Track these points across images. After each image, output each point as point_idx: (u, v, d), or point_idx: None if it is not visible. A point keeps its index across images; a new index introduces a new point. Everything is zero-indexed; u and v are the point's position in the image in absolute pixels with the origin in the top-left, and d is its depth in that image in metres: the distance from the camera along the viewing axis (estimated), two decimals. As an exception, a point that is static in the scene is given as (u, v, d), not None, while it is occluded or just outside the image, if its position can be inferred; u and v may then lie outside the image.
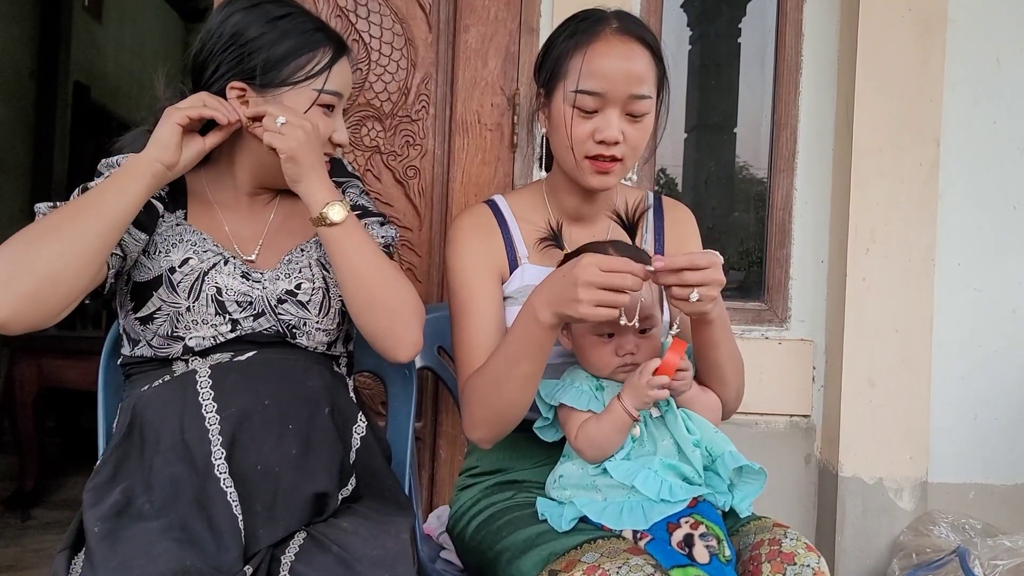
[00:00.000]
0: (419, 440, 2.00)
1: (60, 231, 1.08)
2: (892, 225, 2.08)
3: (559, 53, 1.29)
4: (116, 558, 1.00)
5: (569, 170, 1.31)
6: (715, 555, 1.06)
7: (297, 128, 1.16)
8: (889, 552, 2.06)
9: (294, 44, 1.21)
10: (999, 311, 2.18)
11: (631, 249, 1.22)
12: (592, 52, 1.25)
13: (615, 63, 1.24)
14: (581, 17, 1.31)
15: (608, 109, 1.25)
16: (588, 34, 1.26)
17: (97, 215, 1.10)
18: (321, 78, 1.22)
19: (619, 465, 1.17)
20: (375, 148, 2.04)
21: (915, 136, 2.08)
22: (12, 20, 5.26)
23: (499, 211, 1.39)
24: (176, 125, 1.16)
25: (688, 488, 1.14)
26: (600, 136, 1.25)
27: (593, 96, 1.24)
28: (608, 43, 1.25)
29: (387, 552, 1.09)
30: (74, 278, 1.08)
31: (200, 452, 1.10)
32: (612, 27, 1.26)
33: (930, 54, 2.08)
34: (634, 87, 1.24)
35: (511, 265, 1.35)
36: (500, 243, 1.36)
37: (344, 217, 1.19)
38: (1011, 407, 2.18)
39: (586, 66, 1.24)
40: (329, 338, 1.29)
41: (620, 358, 1.20)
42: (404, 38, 2.04)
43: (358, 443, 1.25)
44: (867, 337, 2.07)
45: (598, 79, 1.24)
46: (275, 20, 1.21)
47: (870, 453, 2.07)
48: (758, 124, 2.25)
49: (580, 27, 1.28)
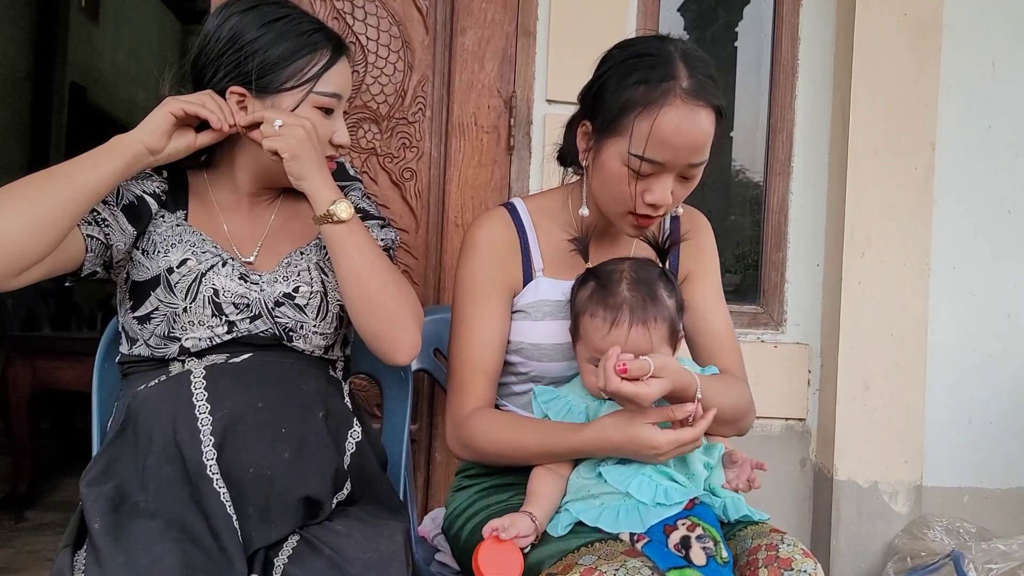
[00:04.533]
0: (414, 442, 1.99)
1: (24, 192, 1.07)
2: (887, 229, 2.08)
3: (623, 103, 1.19)
4: (123, 554, 1.01)
5: (607, 212, 1.28)
6: (712, 557, 1.06)
7: (296, 127, 1.16)
8: (884, 556, 2.07)
9: (291, 46, 1.20)
10: (994, 315, 2.19)
11: (653, 270, 1.23)
12: (661, 120, 1.16)
13: (683, 137, 1.17)
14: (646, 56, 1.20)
15: (664, 175, 1.20)
16: (657, 93, 1.16)
17: (67, 181, 1.09)
18: (319, 80, 1.22)
19: (613, 470, 1.17)
20: (372, 150, 2.04)
21: (911, 140, 2.09)
22: (8, 21, 5.26)
23: (518, 216, 1.36)
24: (169, 114, 1.16)
25: (684, 491, 1.14)
26: (651, 199, 1.20)
27: (653, 164, 1.19)
28: (679, 112, 1.16)
29: (380, 555, 1.09)
30: (31, 237, 1.05)
31: (191, 452, 1.09)
32: (683, 87, 1.17)
33: (926, 59, 2.09)
34: (695, 157, 1.20)
35: (525, 278, 1.33)
36: (517, 256, 1.33)
37: (351, 215, 1.19)
38: (1005, 411, 2.18)
39: (653, 136, 1.16)
40: (326, 342, 1.28)
41: None
42: (401, 40, 2.04)
43: (353, 448, 1.25)
44: (862, 341, 2.08)
45: (662, 150, 1.17)
46: (272, 22, 1.21)
47: (865, 457, 2.07)
48: (754, 128, 2.26)
49: (649, 77, 1.17)
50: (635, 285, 1.20)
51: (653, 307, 1.18)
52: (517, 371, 1.34)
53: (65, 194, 1.08)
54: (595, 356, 1.19)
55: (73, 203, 1.09)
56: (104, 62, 6.67)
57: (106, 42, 6.71)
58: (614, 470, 1.17)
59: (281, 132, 1.16)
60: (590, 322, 1.20)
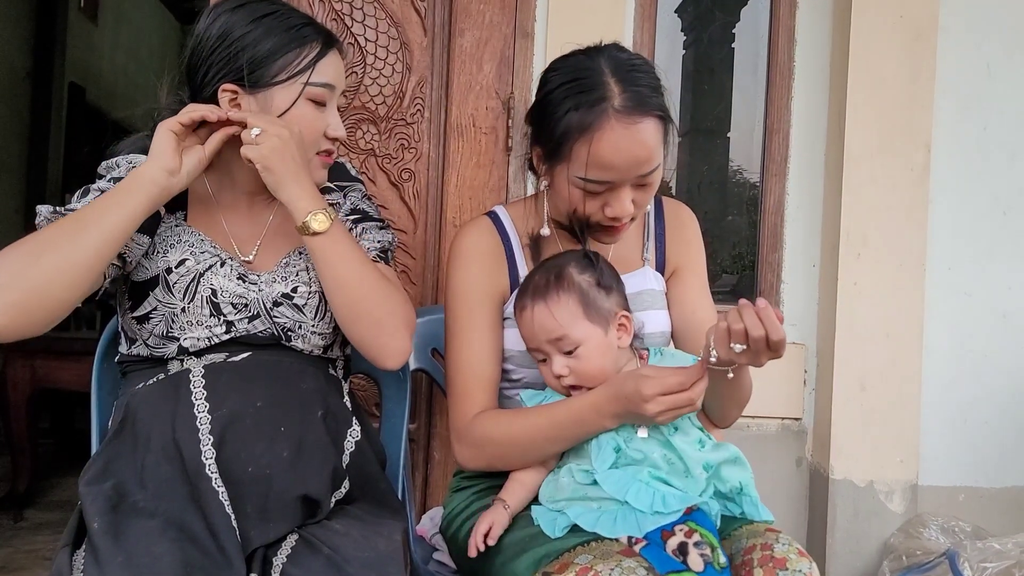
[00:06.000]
0: (413, 442, 2.00)
1: (59, 245, 1.08)
2: (883, 230, 2.09)
3: (561, 133, 1.18)
4: (122, 553, 1.01)
5: (575, 225, 1.29)
6: (709, 564, 1.06)
7: (272, 136, 1.15)
8: (879, 554, 2.07)
9: (281, 40, 1.20)
10: (989, 315, 2.20)
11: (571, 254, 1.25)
12: (598, 145, 1.16)
13: (623, 155, 1.17)
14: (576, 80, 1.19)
15: (618, 189, 1.20)
16: (590, 117, 1.16)
17: (99, 229, 1.09)
18: (308, 73, 1.22)
19: (609, 476, 1.16)
20: (370, 151, 2.05)
21: (906, 141, 2.10)
22: (8, 21, 5.26)
23: (501, 225, 1.37)
24: (168, 132, 1.16)
25: (682, 497, 1.13)
26: (612, 213, 1.21)
27: (601, 183, 1.19)
28: (614, 132, 1.15)
29: (378, 554, 1.09)
30: (67, 290, 1.08)
31: (190, 451, 1.10)
32: (615, 107, 1.15)
33: (921, 60, 2.10)
34: (643, 169, 1.19)
35: (512, 285, 1.34)
36: (503, 264, 1.34)
37: (327, 227, 1.18)
38: (1000, 411, 2.19)
39: (592, 160, 1.16)
40: (325, 341, 1.29)
41: (556, 380, 1.22)
42: (399, 42, 2.05)
43: (352, 447, 1.25)
44: (858, 341, 2.09)
45: (606, 171, 1.17)
46: (260, 18, 1.21)
47: (861, 456, 2.08)
48: (751, 129, 2.26)
49: (580, 102, 1.17)
50: (543, 271, 1.23)
51: (556, 285, 1.20)
52: (509, 378, 1.35)
53: (98, 241, 1.09)
54: (533, 351, 1.24)
55: (105, 247, 1.10)
56: (103, 62, 6.67)
57: (105, 42, 6.71)
58: (611, 477, 1.16)
59: (258, 141, 1.15)
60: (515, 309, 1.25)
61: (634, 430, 1.18)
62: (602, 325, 1.21)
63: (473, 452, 1.28)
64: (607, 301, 1.22)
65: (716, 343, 1.06)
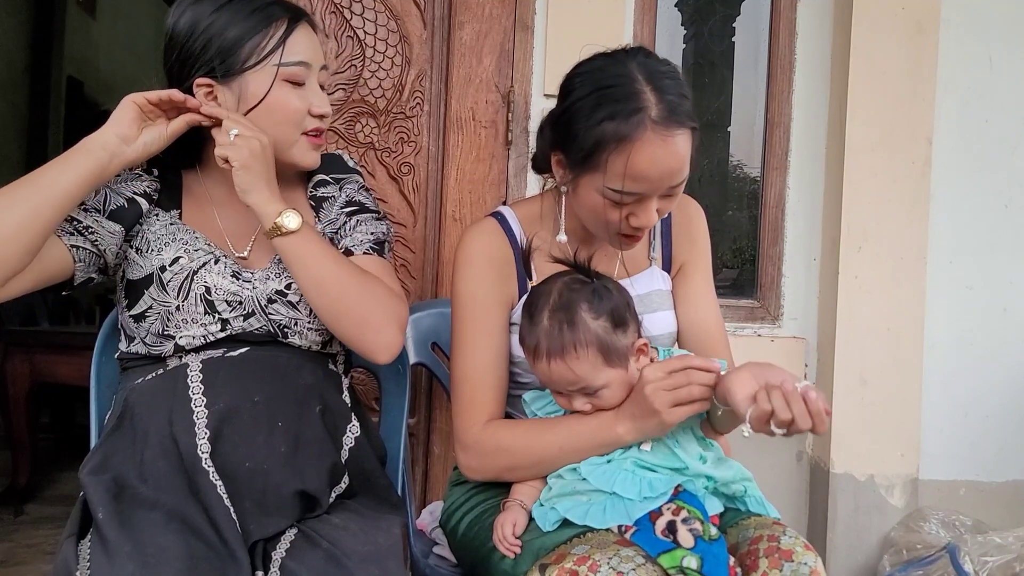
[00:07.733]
0: (412, 436, 2.00)
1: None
2: (884, 223, 2.09)
3: (594, 141, 1.15)
4: (129, 542, 1.01)
5: (593, 232, 1.27)
6: (699, 537, 1.06)
7: (252, 139, 1.15)
8: (880, 548, 2.08)
9: (245, 24, 1.19)
10: (990, 310, 2.19)
11: (581, 290, 1.17)
12: (636, 157, 1.13)
13: (659, 167, 1.14)
14: (611, 87, 1.15)
15: (646, 200, 1.18)
16: (628, 128, 1.12)
17: (33, 186, 1.08)
18: (279, 53, 1.20)
19: (595, 470, 1.17)
20: (369, 144, 2.04)
21: (907, 135, 2.09)
22: (6, 15, 5.25)
23: (508, 227, 1.33)
24: (131, 102, 1.15)
25: (668, 480, 1.14)
26: (637, 223, 1.20)
27: (633, 195, 1.17)
28: (652, 144, 1.12)
29: (378, 548, 1.09)
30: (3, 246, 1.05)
31: (186, 446, 1.10)
32: (652, 117, 1.12)
33: (923, 53, 2.09)
34: (674, 180, 1.17)
35: (521, 292, 1.31)
36: (512, 269, 1.31)
37: (299, 223, 1.17)
38: (1001, 405, 2.19)
39: (629, 172, 1.13)
40: (322, 337, 1.28)
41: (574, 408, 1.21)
42: (399, 35, 2.04)
43: (351, 443, 1.25)
44: (859, 335, 2.08)
45: (640, 183, 1.15)
46: (224, 5, 1.19)
47: (861, 450, 2.08)
48: (752, 123, 2.26)
49: (617, 112, 1.13)
50: (554, 312, 1.16)
51: (571, 335, 1.13)
52: (516, 381, 1.34)
53: (34, 199, 1.07)
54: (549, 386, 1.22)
55: (45, 206, 1.08)
56: (101, 56, 6.66)
57: (103, 36, 6.70)
58: (596, 470, 1.16)
59: (236, 143, 1.15)
60: (525, 350, 1.20)
61: (638, 446, 1.18)
62: (623, 364, 1.17)
63: (482, 462, 1.26)
64: (625, 338, 1.17)
65: (753, 420, 1.04)
